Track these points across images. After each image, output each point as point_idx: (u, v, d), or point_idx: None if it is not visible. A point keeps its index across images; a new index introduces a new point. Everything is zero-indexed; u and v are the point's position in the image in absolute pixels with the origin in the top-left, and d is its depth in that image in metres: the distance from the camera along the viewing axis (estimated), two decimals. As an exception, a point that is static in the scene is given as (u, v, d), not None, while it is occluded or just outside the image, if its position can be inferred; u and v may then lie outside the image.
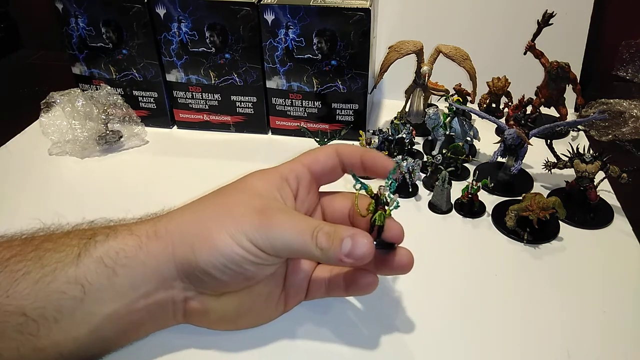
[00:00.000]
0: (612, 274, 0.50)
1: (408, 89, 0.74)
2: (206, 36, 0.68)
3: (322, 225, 0.37)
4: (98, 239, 0.37)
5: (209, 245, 0.36)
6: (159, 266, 0.37)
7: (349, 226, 0.38)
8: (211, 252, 0.36)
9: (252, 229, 0.36)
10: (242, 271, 0.37)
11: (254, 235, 0.36)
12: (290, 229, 0.37)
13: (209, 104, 0.74)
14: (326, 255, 0.36)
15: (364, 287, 0.42)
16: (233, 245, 0.36)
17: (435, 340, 0.43)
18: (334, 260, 0.36)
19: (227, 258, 0.36)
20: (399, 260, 0.40)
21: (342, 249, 0.36)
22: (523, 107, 0.72)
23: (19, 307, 0.34)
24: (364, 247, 0.36)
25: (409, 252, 0.40)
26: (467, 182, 0.59)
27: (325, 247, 0.36)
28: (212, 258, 0.36)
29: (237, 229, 0.36)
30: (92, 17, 0.69)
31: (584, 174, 0.57)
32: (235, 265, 0.36)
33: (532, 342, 0.43)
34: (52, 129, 0.69)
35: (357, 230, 0.37)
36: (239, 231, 0.36)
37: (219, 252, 0.36)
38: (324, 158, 0.43)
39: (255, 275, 0.38)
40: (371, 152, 0.42)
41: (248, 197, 0.39)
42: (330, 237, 0.36)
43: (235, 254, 0.36)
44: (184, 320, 0.41)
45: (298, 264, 0.43)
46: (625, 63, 0.88)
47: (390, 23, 0.80)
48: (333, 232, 0.36)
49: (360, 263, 0.36)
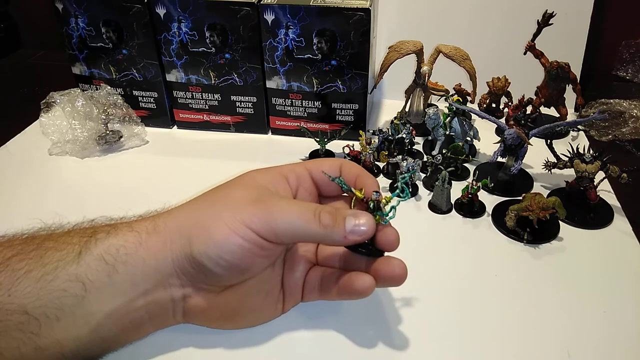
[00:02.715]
0: (612, 274, 0.50)
1: (408, 89, 0.74)
2: (206, 36, 0.68)
3: (323, 207, 0.38)
4: (99, 237, 0.37)
5: (206, 237, 0.37)
6: (158, 262, 0.37)
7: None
8: (207, 243, 0.36)
9: (251, 217, 0.36)
10: (237, 263, 0.37)
11: (254, 222, 0.36)
12: (292, 212, 0.37)
13: (209, 104, 0.74)
14: (330, 233, 0.37)
15: (361, 290, 0.40)
16: (231, 236, 0.36)
17: (435, 340, 0.43)
18: (338, 237, 0.37)
19: (223, 249, 0.36)
20: (391, 271, 0.39)
21: (345, 225, 0.37)
22: (523, 107, 0.72)
23: (21, 306, 0.34)
24: (367, 223, 0.37)
25: (402, 264, 0.39)
26: (467, 182, 0.59)
27: (329, 224, 0.37)
28: (208, 249, 0.36)
29: (234, 218, 0.36)
30: (92, 17, 0.69)
31: (584, 174, 0.57)
32: (231, 256, 0.36)
33: (532, 342, 0.43)
34: (52, 129, 0.69)
35: (358, 210, 0.39)
36: (237, 220, 0.36)
37: (214, 243, 0.36)
38: (328, 168, 0.43)
39: (249, 268, 0.38)
40: (364, 175, 0.42)
41: (245, 189, 0.39)
42: (333, 215, 0.37)
43: (232, 245, 0.36)
44: (184, 320, 0.41)
45: (295, 263, 0.43)
46: (625, 63, 0.88)
47: (390, 23, 0.81)
48: (335, 212, 0.38)
49: (362, 239, 0.38)
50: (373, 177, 0.43)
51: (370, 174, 0.43)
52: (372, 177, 0.42)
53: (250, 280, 0.40)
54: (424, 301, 0.47)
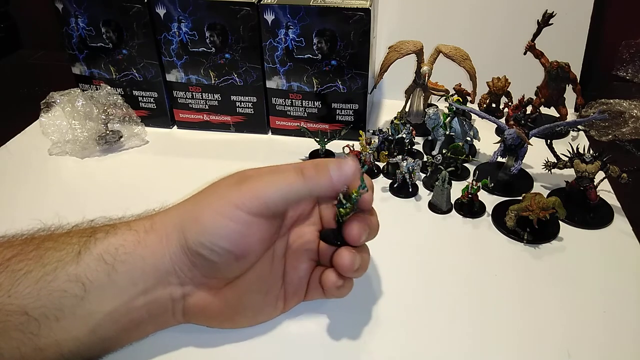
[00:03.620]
0: (612, 274, 0.50)
1: (408, 89, 0.74)
2: (206, 36, 0.68)
3: (304, 163, 0.39)
4: (98, 237, 0.37)
5: (198, 225, 0.37)
6: (156, 260, 0.37)
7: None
8: (199, 231, 0.37)
9: (240, 197, 0.37)
10: (231, 248, 0.37)
11: (243, 202, 0.37)
12: (276, 180, 0.38)
13: (209, 104, 0.74)
14: (317, 183, 0.37)
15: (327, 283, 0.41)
16: (219, 219, 0.37)
17: (435, 340, 0.43)
18: (325, 185, 0.37)
19: (215, 234, 0.37)
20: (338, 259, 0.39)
21: (330, 171, 0.38)
22: (523, 107, 0.72)
23: (21, 307, 0.34)
24: (349, 164, 0.38)
25: (349, 254, 0.39)
26: (467, 182, 0.59)
27: (314, 175, 0.37)
28: (201, 237, 0.37)
29: (223, 203, 0.37)
30: (92, 17, 0.69)
31: (584, 174, 0.57)
32: (224, 241, 0.37)
33: (532, 342, 0.43)
34: (52, 129, 0.69)
35: (340, 159, 0.39)
36: (225, 204, 0.37)
37: (206, 230, 0.37)
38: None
39: (244, 253, 0.38)
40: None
41: (230, 177, 0.40)
42: (315, 166, 0.38)
43: (223, 227, 0.37)
44: (184, 319, 0.41)
45: (297, 261, 0.43)
46: (625, 63, 0.88)
47: (390, 23, 0.80)
48: (317, 164, 0.39)
49: (350, 180, 0.38)
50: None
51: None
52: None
53: (249, 277, 0.40)
54: (424, 301, 0.47)
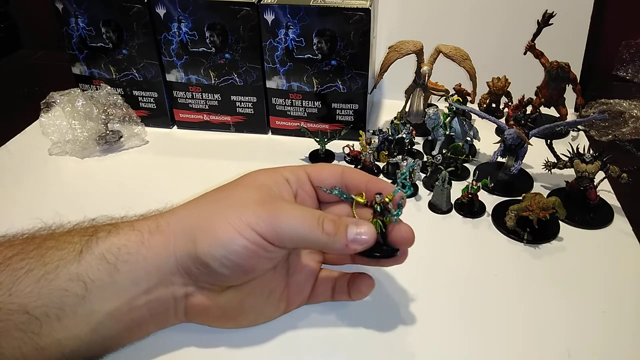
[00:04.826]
0: (612, 274, 0.50)
1: (408, 89, 0.74)
2: (206, 36, 0.68)
3: (326, 214, 0.39)
4: (100, 236, 0.37)
5: (211, 237, 0.37)
6: (160, 261, 0.37)
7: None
8: (212, 243, 0.37)
9: (256, 219, 0.37)
10: (241, 263, 0.37)
11: (259, 224, 0.36)
12: (296, 217, 0.38)
13: (209, 104, 0.74)
14: (332, 241, 0.37)
15: (365, 289, 0.44)
16: (236, 236, 0.36)
17: (435, 340, 0.43)
18: (340, 245, 0.38)
19: (228, 249, 0.36)
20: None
21: (347, 234, 0.37)
22: (523, 107, 0.72)
23: (22, 306, 0.34)
24: (368, 232, 0.38)
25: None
26: (467, 182, 0.59)
27: (332, 232, 0.37)
28: (213, 249, 0.36)
29: (240, 220, 0.37)
30: (92, 17, 0.69)
31: (584, 174, 0.57)
32: (236, 256, 0.36)
33: (533, 342, 0.43)
34: (52, 129, 0.69)
35: (359, 219, 0.40)
36: (242, 222, 0.36)
37: (219, 243, 0.36)
38: (327, 174, 0.43)
39: (254, 268, 0.38)
40: (376, 180, 0.42)
41: (250, 190, 0.39)
42: (336, 224, 0.38)
43: (237, 245, 0.36)
44: (185, 318, 0.41)
45: (301, 263, 0.43)
46: (625, 63, 0.88)
47: (390, 23, 0.81)
48: (338, 220, 0.38)
49: (362, 248, 0.38)
50: (384, 181, 0.43)
51: (380, 179, 0.43)
52: (383, 181, 0.43)
53: (253, 280, 0.40)
54: (424, 301, 0.47)
